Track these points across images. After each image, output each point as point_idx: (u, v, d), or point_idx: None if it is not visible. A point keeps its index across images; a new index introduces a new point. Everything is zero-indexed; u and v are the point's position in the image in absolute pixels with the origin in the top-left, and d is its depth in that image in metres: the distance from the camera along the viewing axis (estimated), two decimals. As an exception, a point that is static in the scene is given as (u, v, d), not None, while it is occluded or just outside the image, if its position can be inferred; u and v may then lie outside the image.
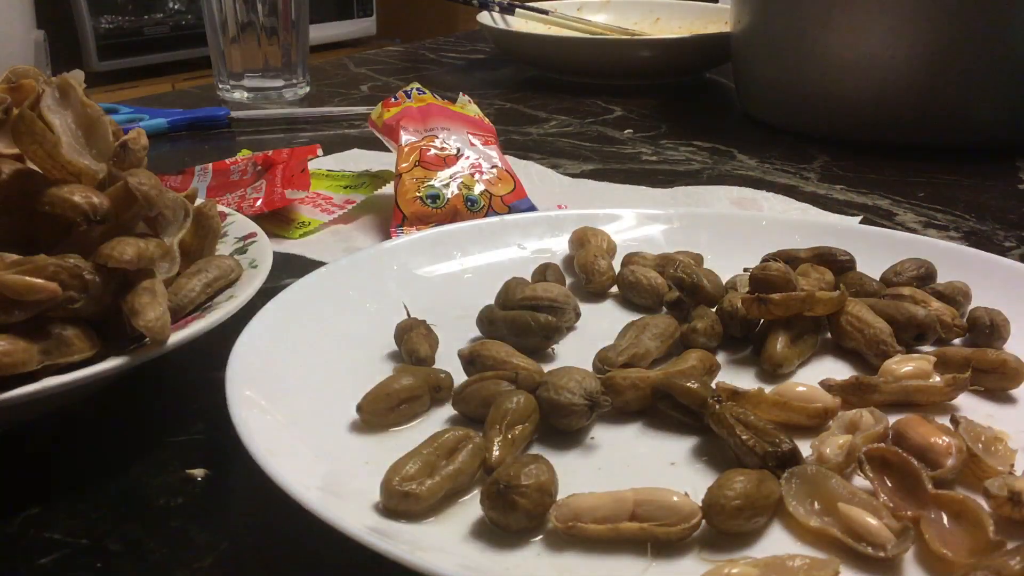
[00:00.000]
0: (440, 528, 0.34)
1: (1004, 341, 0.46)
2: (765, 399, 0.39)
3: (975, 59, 0.80)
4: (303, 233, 0.65)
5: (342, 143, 0.87)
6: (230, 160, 0.75)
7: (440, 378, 0.42)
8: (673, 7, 1.29)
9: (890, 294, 0.49)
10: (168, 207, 0.44)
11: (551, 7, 1.28)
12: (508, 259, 0.56)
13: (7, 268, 0.37)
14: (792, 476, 0.35)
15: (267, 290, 0.46)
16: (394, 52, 1.43)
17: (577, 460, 0.38)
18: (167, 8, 2.23)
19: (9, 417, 0.39)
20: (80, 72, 0.45)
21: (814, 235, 0.56)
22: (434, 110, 0.70)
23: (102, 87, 2.07)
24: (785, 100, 0.92)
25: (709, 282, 0.48)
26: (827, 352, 0.47)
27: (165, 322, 0.39)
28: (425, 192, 0.64)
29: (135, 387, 0.45)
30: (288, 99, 1.04)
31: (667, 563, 0.32)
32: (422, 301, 0.49)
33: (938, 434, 0.36)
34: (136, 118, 0.91)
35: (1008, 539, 0.31)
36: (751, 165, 0.82)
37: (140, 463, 0.40)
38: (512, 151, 0.83)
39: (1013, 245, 0.64)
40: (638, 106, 1.03)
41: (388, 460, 0.35)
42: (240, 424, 0.35)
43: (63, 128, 0.41)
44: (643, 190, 0.74)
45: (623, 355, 0.44)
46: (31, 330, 0.37)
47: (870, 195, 0.74)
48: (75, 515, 0.37)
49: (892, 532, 0.32)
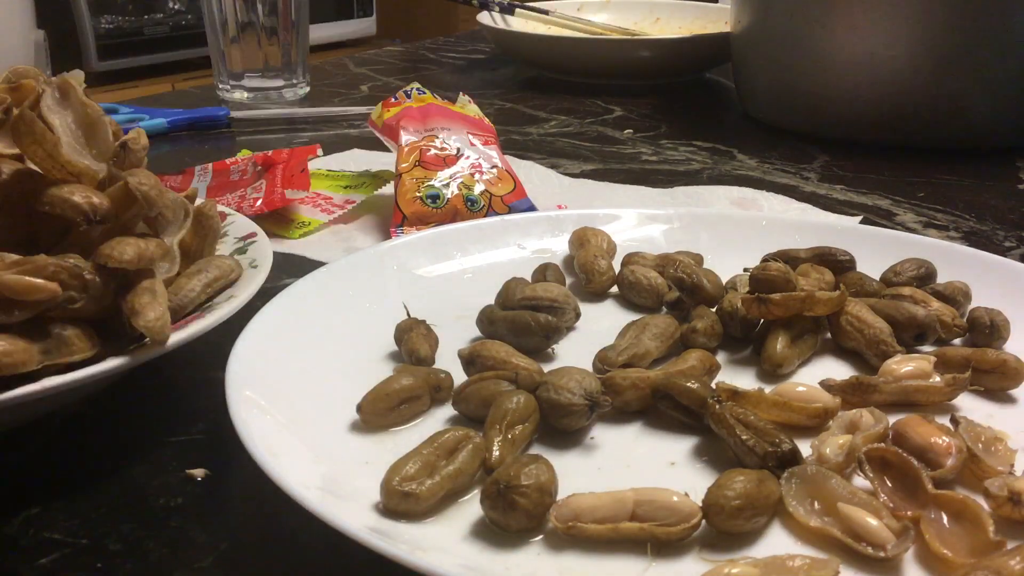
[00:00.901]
0: (440, 528, 0.34)
1: (1004, 341, 0.46)
2: (765, 399, 0.39)
3: (975, 59, 0.80)
4: (303, 233, 0.65)
5: (342, 143, 0.87)
6: (230, 160, 0.75)
7: (440, 378, 0.42)
8: (673, 7, 1.29)
9: (890, 294, 0.49)
10: (168, 207, 0.44)
11: (551, 7, 1.28)
12: (508, 259, 0.56)
13: (7, 268, 0.37)
14: (792, 476, 0.35)
15: (267, 290, 0.46)
16: (394, 52, 1.43)
17: (577, 460, 0.38)
18: (167, 8, 2.23)
19: (9, 417, 0.39)
20: (80, 72, 0.45)
21: (814, 235, 0.56)
22: (434, 110, 0.70)
23: (102, 87, 2.07)
24: (785, 100, 0.92)
25: (709, 282, 0.48)
26: (827, 352, 0.47)
27: (165, 322, 0.39)
28: (425, 192, 0.64)
29: (135, 387, 0.45)
30: (288, 99, 1.04)
31: (667, 563, 0.32)
32: (422, 301, 0.49)
33: (938, 434, 0.36)
34: (136, 118, 0.91)
35: (1008, 539, 0.31)
36: (751, 165, 0.82)
37: (140, 463, 0.40)
38: (512, 151, 0.83)
39: (1013, 245, 0.64)
40: (638, 106, 1.03)
41: (388, 460, 0.35)
42: (240, 424, 0.35)
43: (63, 128, 0.41)
44: (643, 190, 0.74)
45: (623, 355, 0.44)
46: (31, 330, 0.37)
47: (870, 195, 0.74)
48: (75, 515, 0.37)
49: (892, 532, 0.32)
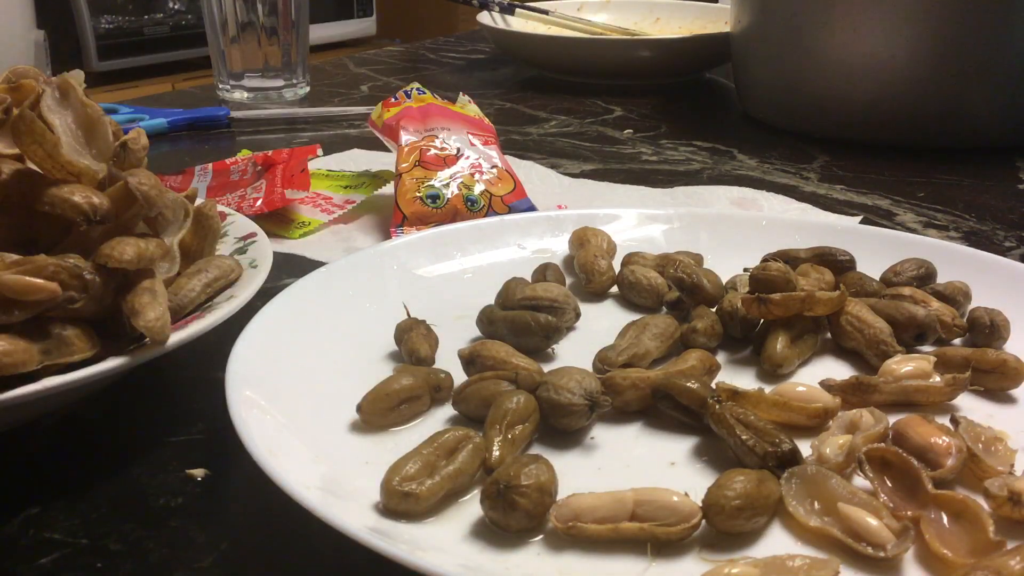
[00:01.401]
0: (440, 528, 0.34)
1: (1004, 341, 0.46)
2: (765, 399, 0.39)
3: (975, 59, 0.80)
4: (303, 233, 0.65)
5: (342, 143, 0.87)
6: (230, 160, 0.75)
7: (440, 378, 0.42)
8: (673, 7, 1.29)
9: (890, 294, 0.49)
10: (168, 207, 0.44)
11: (551, 7, 1.28)
12: (508, 259, 0.56)
13: (7, 268, 0.37)
14: (792, 476, 0.35)
15: (267, 290, 0.46)
16: (394, 52, 1.43)
17: (577, 460, 0.38)
18: (167, 8, 2.22)
19: (9, 417, 0.39)
20: (80, 72, 0.45)
21: (814, 235, 0.56)
22: (434, 110, 0.70)
23: (102, 87, 2.07)
24: (785, 100, 0.92)
25: (709, 282, 0.48)
26: (827, 352, 0.47)
27: (165, 322, 0.39)
28: (425, 192, 0.64)
29: (135, 387, 0.45)
30: (288, 99, 1.04)
31: (667, 563, 0.32)
32: (422, 301, 0.49)
33: (938, 434, 0.36)
34: (136, 118, 0.91)
35: (1008, 539, 0.31)
36: (751, 165, 0.82)
37: (140, 463, 0.40)
38: (512, 151, 0.83)
39: (1013, 245, 0.64)
40: (638, 106, 1.03)
41: (388, 460, 0.35)
42: (240, 424, 0.35)
43: (63, 128, 0.41)
44: (643, 190, 0.74)
45: (623, 355, 0.44)
46: (31, 330, 0.37)
47: (870, 195, 0.74)
48: (75, 515, 0.37)
49: (892, 532, 0.32)
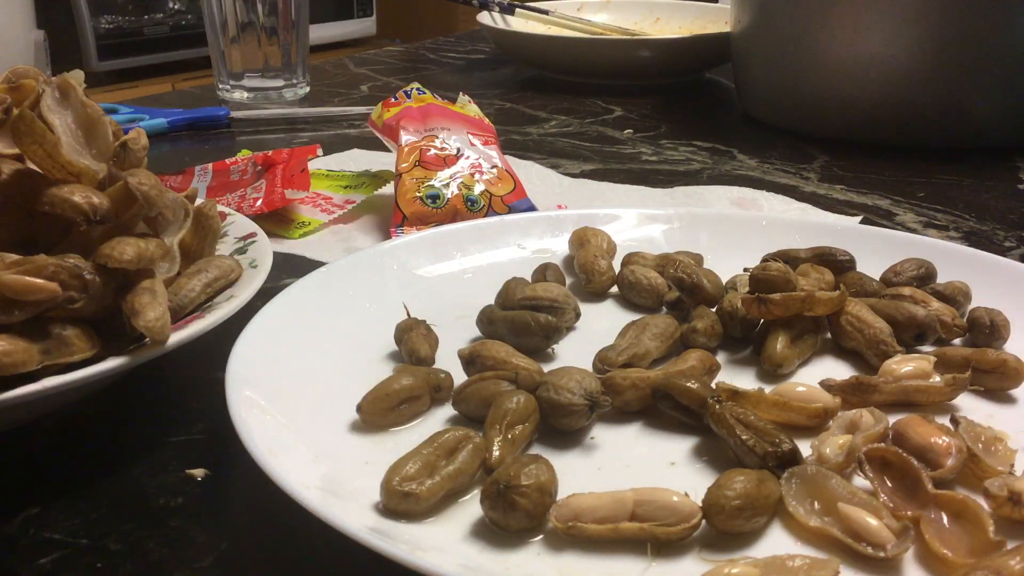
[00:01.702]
0: (440, 528, 0.34)
1: (1004, 341, 0.46)
2: (765, 399, 0.39)
3: (975, 59, 0.80)
4: (303, 233, 0.65)
5: (342, 143, 0.87)
6: (230, 160, 0.75)
7: (440, 378, 0.42)
8: (673, 7, 1.29)
9: (890, 294, 0.49)
10: (168, 207, 0.44)
11: (551, 7, 1.28)
12: (508, 259, 0.56)
13: (7, 268, 0.37)
14: (792, 476, 0.35)
15: (267, 290, 0.46)
16: (394, 52, 1.43)
17: (577, 460, 0.38)
18: (167, 8, 2.22)
19: (9, 417, 0.39)
20: (80, 72, 0.45)
21: (814, 235, 0.56)
22: (434, 110, 0.70)
23: (102, 87, 2.07)
24: (785, 100, 0.92)
25: (709, 282, 0.48)
26: (827, 352, 0.47)
27: (165, 322, 0.39)
28: (425, 192, 0.64)
29: (135, 387, 0.45)
30: (288, 99, 1.04)
31: (667, 563, 0.32)
32: (422, 301, 0.49)
33: (938, 434, 0.36)
34: (136, 118, 0.91)
35: (1008, 539, 0.31)
36: (751, 165, 0.82)
37: (140, 463, 0.40)
38: (512, 151, 0.83)
39: (1013, 245, 0.64)
40: (638, 106, 1.03)
41: (388, 460, 0.35)
42: (240, 424, 0.35)
43: (63, 128, 0.41)
44: (643, 190, 0.74)
45: (623, 355, 0.44)
46: (31, 330, 0.37)
47: (870, 195, 0.74)
48: (75, 515, 0.37)
49: (892, 532, 0.32)
